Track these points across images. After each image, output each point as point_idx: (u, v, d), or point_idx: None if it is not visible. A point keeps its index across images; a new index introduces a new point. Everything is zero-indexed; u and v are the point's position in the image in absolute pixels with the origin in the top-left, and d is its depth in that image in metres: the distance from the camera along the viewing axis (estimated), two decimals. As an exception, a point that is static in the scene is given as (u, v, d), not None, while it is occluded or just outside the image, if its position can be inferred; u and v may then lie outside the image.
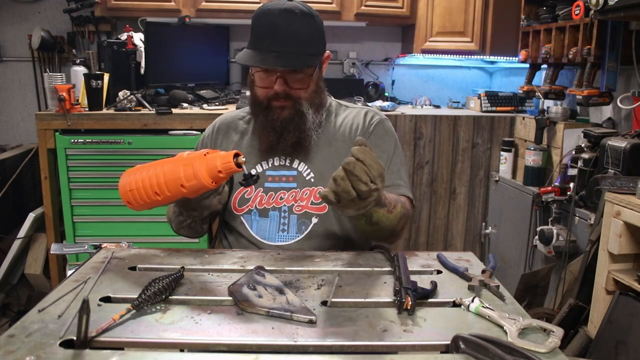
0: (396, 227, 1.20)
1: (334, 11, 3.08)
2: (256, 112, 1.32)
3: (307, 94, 1.28)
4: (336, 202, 0.97)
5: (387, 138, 1.37)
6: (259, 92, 1.28)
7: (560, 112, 2.56)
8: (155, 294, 0.88)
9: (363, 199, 0.97)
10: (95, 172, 2.56)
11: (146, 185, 1.06)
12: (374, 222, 1.11)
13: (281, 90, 1.24)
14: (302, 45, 1.22)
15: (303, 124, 1.28)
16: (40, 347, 0.74)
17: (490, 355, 0.71)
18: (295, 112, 1.27)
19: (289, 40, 1.20)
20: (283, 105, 1.26)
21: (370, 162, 0.95)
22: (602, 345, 1.78)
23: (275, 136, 1.28)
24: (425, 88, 3.66)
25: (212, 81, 3.28)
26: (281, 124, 1.27)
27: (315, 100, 1.30)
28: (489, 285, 0.96)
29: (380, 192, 1.01)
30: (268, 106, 1.27)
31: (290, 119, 1.27)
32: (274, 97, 1.26)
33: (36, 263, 2.78)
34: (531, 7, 2.66)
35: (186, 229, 1.32)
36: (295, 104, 1.26)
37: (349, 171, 0.93)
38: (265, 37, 1.20)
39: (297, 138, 1.28)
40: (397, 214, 1.17)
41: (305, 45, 1.23)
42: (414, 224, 3.09)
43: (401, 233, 1.26)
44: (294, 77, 1.25)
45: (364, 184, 0.94)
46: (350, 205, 0.98)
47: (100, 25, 3.22)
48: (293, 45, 1.20)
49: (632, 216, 1.69)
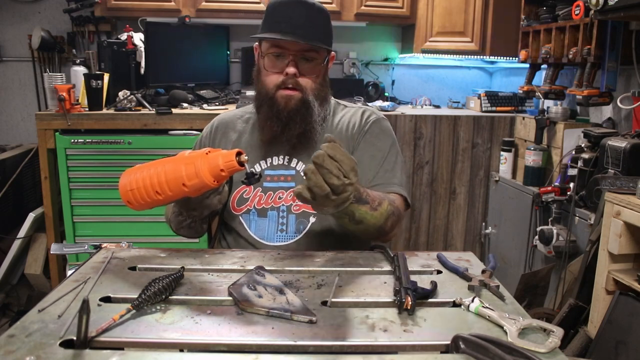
0: (383, 226, 1.17)
1: (334, 11, 3.08)
2: (261, 104, 1.31)
3: (315, 84, 1.27)
4: (311, 199, 0.97)
5: (382, 137, 1.36)
6: (267, 79, 1.28)
7: (560, 112, 2.56)
8: (155, 294, 0.88)
9: (338, 194, 0.96)
10: (95, 172, 2.56)
11: (147, 184, 1.05)
12: (357, 219, 1.10)
13: (292, 74, 1.24)
14: (316, 33, 1.23)
15: (309, 116, 1.27)
16: (40, 347, 0.74)
17: (490, 355, 0.71)
18: (302, 103, 1.26)
19: (305, 25, 1.22)
20: (290, 95, 1.25)
21: (340, 157, 0.95)
22: (602, 345, 1.78)
23: (280, 126, 1.27)
24: (425, 88, 3.66)
25: (212, 81, 3.28)
26: (287, 114, 1.26)
27: (321, 93, 1.30)
28: (489, 285, 0.96)
29: (355, 186, 1.01)
30: (274, 96, 1.26)
31: (297, 110, 1.26)
32: (282, 84, 1.25)
33: (36, 263, 2.78)
34: (531, 7, 2.66)
35: (186, 228, 1.32)
36: (303, 95, 1.26)
37: (318, 164, 0.94)
38: (282, 21, 1.23)
39: (302, 129, 1.27)
40: (382, 212, 1.15)
41: (319, 34, 1.24)
42: (414, 224, 3.09)
43: (391, 231, 1.23)
44: (305, 64, 1.25)
45: (335, 177, 0.94)
46: (327, 202, 0.98)
47: (100, 25, 3.22)
48: (309, 30, 1.22)
49: (632, 216, 1.69)
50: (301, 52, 1.24)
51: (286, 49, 1.24)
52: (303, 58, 1.25)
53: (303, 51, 1.24)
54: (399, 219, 1.25)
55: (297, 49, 1.23)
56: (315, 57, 1.26)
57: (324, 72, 1.31)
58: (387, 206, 1.17)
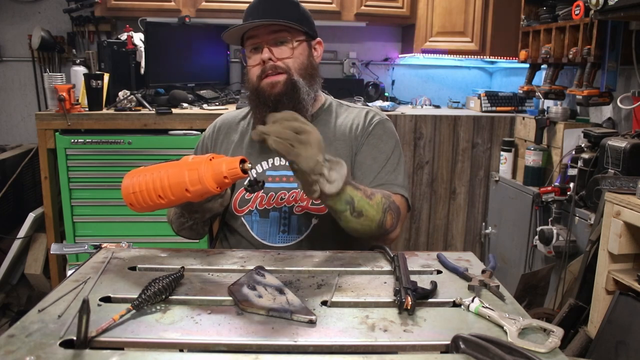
0: (383, 220, 1.18)
1: (334, 11, 3.08)
2: (251, 97, 1.33)
3: (297, 64, 1.28)
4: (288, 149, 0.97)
5: (385, 138, 1.36)
6: (251, 73, 1.30)
7: (560, 112, 2.56)
8: (155, 294, 0.88)
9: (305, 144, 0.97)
10: (95, 172, 2.56)
11: (150, 188, 1.05)
12: (357, 209, 1.11)
13: (268, 59, 1.25)
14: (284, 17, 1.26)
15: (297, 95, 1.27)
16: (40, 347, 0.74)
17: (490, 355, 0.71)
18: (287, 85, 1.27)
19: (270, 12, 1.26)
20: (275, 80, 1.26)
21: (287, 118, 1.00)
22: (602, 345, 1.78)
23: (269, 110, 1.27)
24: (425, 88, 3.66)
25: (212, 81, 3.28)
26: (274, 98, 1.27)
27: (307, 72, 1.30)
28: (489, 285, 0.96)
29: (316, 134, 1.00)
30: (259, 86, 1.28)
31: (283, 93, 1.27)
32: (262, 73, 1.26)
33: (36, 263, 2.77)
34: (531, 7, 2.66)
35: (187, 230, 1.32)
36: (287, 76, 1.27)
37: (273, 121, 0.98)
38: (251, 15, 1.27)
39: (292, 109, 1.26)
40: (378, 203, 1.16)
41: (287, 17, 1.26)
42: (414, 224, 3.09)
43: (391, 229, 1.23)
44: (280, 47, 1.27)
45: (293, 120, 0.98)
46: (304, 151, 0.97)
47: (100, 25, 3.22)
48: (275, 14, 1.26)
49: (632, 216, 1.69)
50: (272, 35, 1.26)
51: (258, 37, 1.26)
52: (277, 42, 1.27)
53: (273, 33, 1.26)
54: (399, 217, 1.25)
55: (267, 32, 1.26)
56: (289, 38, 1.27)
57: (306, 54, 1.31)
58: (381, 198, 1.18)
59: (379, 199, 1.17)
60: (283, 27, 1.26)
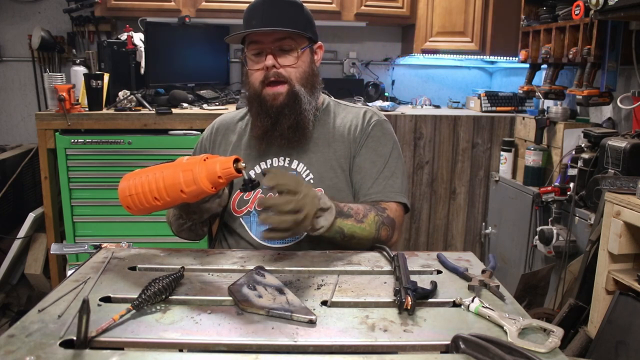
0: (377, 236, 1.21)
1: (334, 11, 3.08)
2: (251, 102, 1.32)
3: (299, 73, 1.28)
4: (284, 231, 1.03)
5: (384, 141, 1.36)
6: (252, 78, 1.29)
7: (560, 112, 2.56)
8: (155, 294, 0.88)
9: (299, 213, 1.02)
10: (95, 172, 2.56)
11: (145, 190, 1.06)
12: (347, 235, 1.16)
13: (271, 65, 1.24)
14: (288, 22, 1.25)
15: (298, 106, 1.27)
16: (40, 347, 0.74)
17: (490, 355, 0.71)
18: (289, 96, 1.27)
19: (275, 16, 1.24)
20: (277, 92, 1.26)
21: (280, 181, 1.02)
22: (602, 345, 1.78)
23: (270, 121, 1.28)
24: (425, 88, 3.65)
25: (212, 81, 3.28)
26: (276, 110, 1.27)
27: (309, 81, 1.30)
28: (489, 285, 0.96)
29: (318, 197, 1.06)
30: (262, 93, 1.27)
31: (285, 104, 1.27)
32: (265, 79, 1.26)
33: (36, 263, 2.77)
34: (531, 7, 2.66)
35: (186, 231, 1.32)
36: (289, 87, 1.26)
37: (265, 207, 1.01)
38: (254, 19, 1.25)
39: (293, 120, 1.28)
40: (370, 223, 1.19)
41: (292, 23, 1.25)
42: (414, 224, 3.09)
43: (388, 240, 1.25)
44: (284, 55, 1.26)
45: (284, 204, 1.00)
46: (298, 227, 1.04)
47: (100, 25, 3.22)
48: (279, 20, 1.24)
49: (632, 216, 1.69)
50: (276, 43, 1.25)
51: (262, 43, 1.25)
52: (281, 50, 1.26)
53: (278, 41, 1.25)
54: (394, 229, 1.27)
55: (272, 40, 1.24)
56: (293, 46, 1.27)
57: (309, 60, 1.31)
58: (375, 217, 1.21)
59: (372, 217, 1.20)
60: (288, 35, 1.25)
